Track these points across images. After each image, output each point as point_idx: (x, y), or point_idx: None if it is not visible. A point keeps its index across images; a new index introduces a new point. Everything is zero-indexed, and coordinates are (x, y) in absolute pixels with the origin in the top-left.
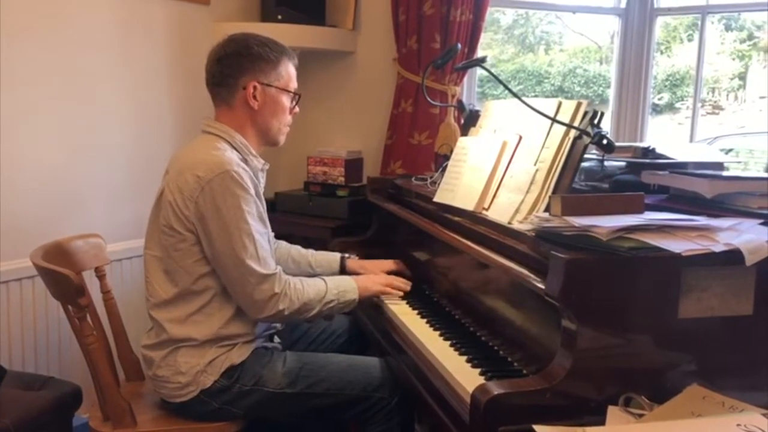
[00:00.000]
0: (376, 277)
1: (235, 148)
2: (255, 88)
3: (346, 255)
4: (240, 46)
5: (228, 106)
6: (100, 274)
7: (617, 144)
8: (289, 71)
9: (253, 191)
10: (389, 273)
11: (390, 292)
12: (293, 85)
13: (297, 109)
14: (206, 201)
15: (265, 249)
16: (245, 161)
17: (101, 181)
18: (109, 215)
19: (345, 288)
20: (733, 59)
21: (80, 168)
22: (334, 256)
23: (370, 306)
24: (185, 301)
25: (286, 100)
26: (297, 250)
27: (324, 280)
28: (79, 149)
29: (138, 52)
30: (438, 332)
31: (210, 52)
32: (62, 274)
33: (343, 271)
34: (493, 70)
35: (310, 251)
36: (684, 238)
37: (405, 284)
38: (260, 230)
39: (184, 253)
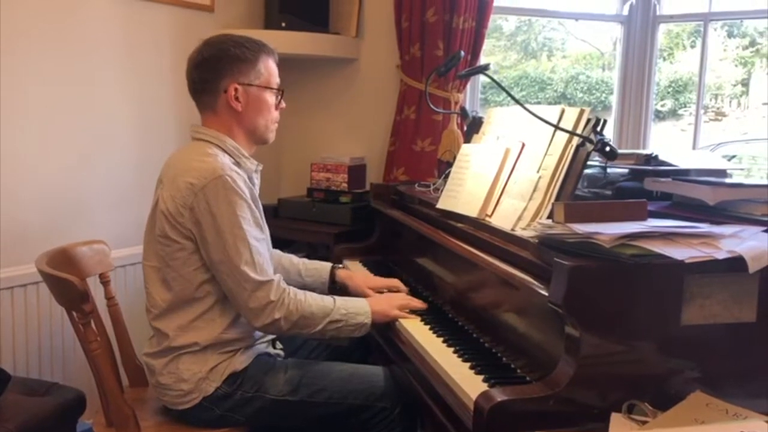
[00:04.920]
0: (392, 299)
1: (227, 152)
2: (236, 89)
3: (339, 266)
4: (216, 49)
5: (212, 111)
6: (104, 281)
7: (620, 151)
8: (269, 68)
9: (248, 195)
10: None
11: (407, 317)
12: (275, 81)
13: (283, 104)
14: (201, 208)
15: (262, 255)
16: (238, 164)
17: (106, 188)
18: (113, 221)
19: (356, 310)
20: (736, 66)
21: (85, 174)
22: (324, 266)
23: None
24: (187, 308)
25: (269, 98)
26: (289, 258)
27: (334, 298)
28: (83, 156)
29: (143, 59)
30: (441, 339)
31: (188, 58)
32: (66, 280)
33: (333, 280)
34: (495, 77)
35: (303, 260)
36: (687, 245)
37: (421, 304)
38: (257, 236)
39: (183, 262)
